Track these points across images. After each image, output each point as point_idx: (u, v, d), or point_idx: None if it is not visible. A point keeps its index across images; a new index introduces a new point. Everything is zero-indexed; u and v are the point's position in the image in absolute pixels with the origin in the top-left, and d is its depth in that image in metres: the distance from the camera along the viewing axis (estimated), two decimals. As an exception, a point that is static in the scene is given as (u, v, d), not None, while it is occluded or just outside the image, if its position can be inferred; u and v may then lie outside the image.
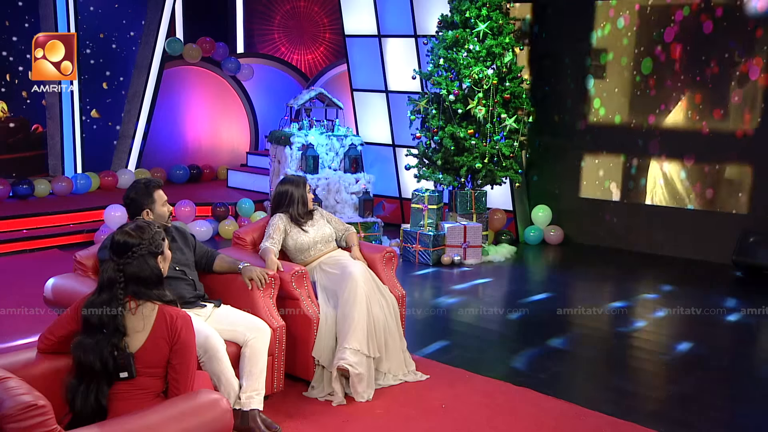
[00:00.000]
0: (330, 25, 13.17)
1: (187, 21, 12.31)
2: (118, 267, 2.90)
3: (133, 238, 2.92)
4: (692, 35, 8.14)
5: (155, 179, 4.14)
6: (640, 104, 8.58)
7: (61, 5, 9.88)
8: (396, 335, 4.66)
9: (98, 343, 2.83)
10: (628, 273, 7.74)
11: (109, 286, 2.89)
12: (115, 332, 2.84)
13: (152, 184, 4.03)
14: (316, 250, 4.79)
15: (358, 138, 8.97)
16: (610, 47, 8.74)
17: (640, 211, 8.66)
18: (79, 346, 2.85)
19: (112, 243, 2.95)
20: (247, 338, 3.94)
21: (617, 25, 8.66)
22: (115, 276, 2.89)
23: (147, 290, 2.91)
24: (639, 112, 8.58)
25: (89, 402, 2.83)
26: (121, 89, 10.89)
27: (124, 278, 2.89)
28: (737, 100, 7.93)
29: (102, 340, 2.84)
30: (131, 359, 2.85)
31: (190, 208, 8.68)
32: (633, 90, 8.62)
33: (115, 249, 2.92)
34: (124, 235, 2.93)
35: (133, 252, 2.90)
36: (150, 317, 2.90)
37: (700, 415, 4.42)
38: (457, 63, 7.97)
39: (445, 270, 7.78)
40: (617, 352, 5.39)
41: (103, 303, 2.87)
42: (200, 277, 4.23)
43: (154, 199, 3.99)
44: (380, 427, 4.08)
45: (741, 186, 8.03)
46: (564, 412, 4.32)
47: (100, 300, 2.88)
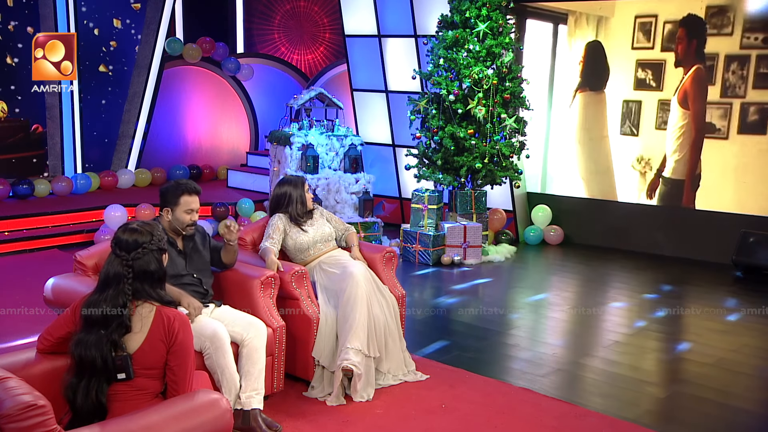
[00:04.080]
0: (330, 25, 13.17)
1: (187, 21, 12.32)
2: (126, 262, 2.91)
3: (143, 234, 2.96)
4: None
5: (193, 185, 4.08)
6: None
7: (61, 5, 9.88)
8: (396, 335, 4.66)
9: (100, 339, 2.83)
10: (628, 273, 7.74)
11: (116, 282, 2.90)
12: (120, 327, 2.85)
13: (186, 188, 4.03)
14: (315, 250, 4.79)
15: (358, 138, 8.97)
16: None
17: (641, 211, 8.66)
18: (79, 344, 2.85)
19: (119, 240, 2.97)
20: (243, 337, 3.94)
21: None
22: (122, 271, 2.90)
23: (150, 288, 2.93)
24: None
25: (90, 399, 2.83)
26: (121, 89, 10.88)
27: (132, 273, 2.90)
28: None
29: (104, 336, 2.84)
30: (129, 360, 2.85)
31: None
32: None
33: (124, 245, 2.94)
34: (133, 233, 2.96)
35: (144, 247, 2.93)
36: (148, 318, 2.91)
37: (701, 415, 4.42)
38: (457, 63, 7.97)
39: (445, 270, 7.78)
40: (617, 352, 5.39)
41: (108, 299, 2.88)
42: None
43: (179, 202, 4.01)
44: (380, 427, 4.08)
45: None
46: (564, 412, 4.32)
47: (104, 297, 2.89)
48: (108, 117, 10.75)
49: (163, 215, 4.05)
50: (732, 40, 8.04)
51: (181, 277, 3.97)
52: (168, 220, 4.03)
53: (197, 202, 4.09)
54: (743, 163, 8.06)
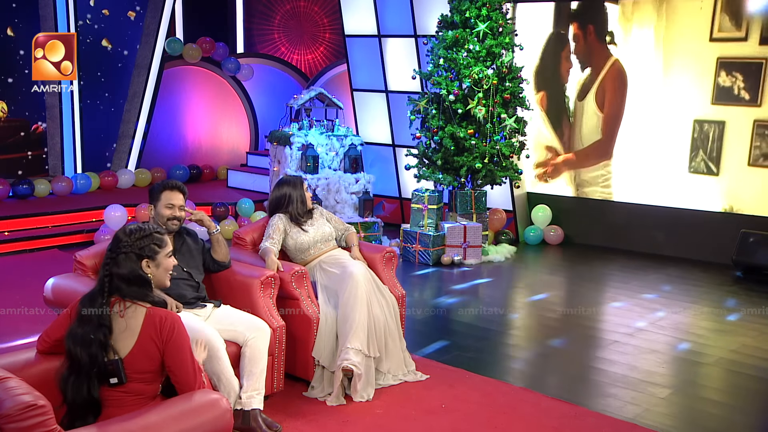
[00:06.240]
0: (330, 25, 13.17)
1: (187, 21, 12.31)
2: (106, 261, 2.96)
3: (124, 236, 2.99)
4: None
5: (175, 182, 4.19)
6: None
7: (61, 5, 9.88)
8: (396, 335, 4.65)
9: (87, 336, 2.82)
10: (628, 273, 7.74)
11: (100, 280, 2.94)
12: (100, 327, 2.83)
13: (167, 185, 4.14)
14: (316, 249, 4.79)
15: (358, 138, 8.97)
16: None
17: (641, 211, 8.65)
18: (70, 336, 2.86)
19: (113, 238, 3.05)
20: (247, 338, 3.94)
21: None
22: (103, 270, 2.95)
23: (128, 288, 2.91)
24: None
25: (81, 393, 2.81)
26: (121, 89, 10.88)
27: (109, 273, 2.93)
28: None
29: (88, 333, 2.83)
30: (120, 365, 2.82)
31: (189, 208, 8.67)
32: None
33: (110, 244, 3.01)
34: (120, 232, 3.02)
35: (119, 248, 2.95)
36: (138, 321, 2.87)
37: (701, 415, 4.42)
38: (457, 63, 7.97)
39: (445, 270, 7.78)
40: (617, 352, 5.39)
41: (94, 296, 2.91)
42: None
43: (160, 198, 4.10)
44: (380, 427, 4.08)
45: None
46: (564, 412, 4.32)
47: (92, 293, 2.93)
48: (108, 117, 10.76)
49: (148, 212, 4.17)
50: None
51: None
52: (151, 216, 4.12)
53: (180, 199, 4.14)
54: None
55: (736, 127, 6.45)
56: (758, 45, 6.31)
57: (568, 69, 8.82)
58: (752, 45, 6.40)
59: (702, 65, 6.90)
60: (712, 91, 6.31)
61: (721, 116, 6.34)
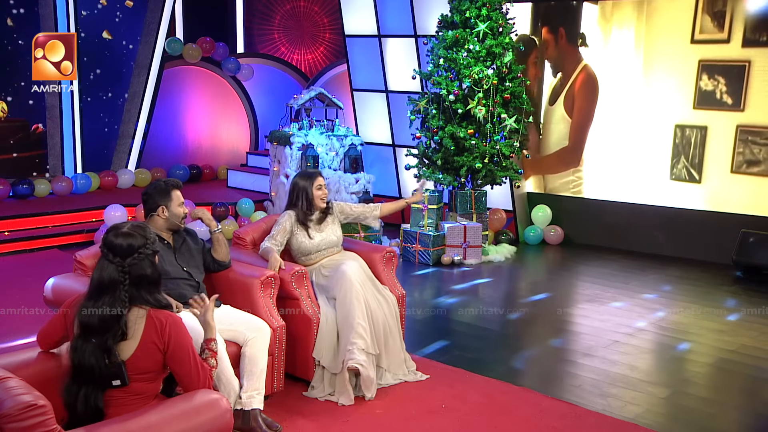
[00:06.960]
0: (330, 25, 13.17)
1: (187, 21, 12.31)
2: (122, 268, 2.82)
3: (137, 238, 2.86)
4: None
5: (176, 180, 4.26)
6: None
7: (61, 5, 9.88)
8: (396, 335, 4.65)
9: (98, 347, 2.77)
10: (628, 273, 7.74)
11: (112, 288, 2.80)
12: (117, 335, 2.78)
13: (171, 183, 4.17)
14: (318, 255, 4.78)
15: (358, 138, 8.98)
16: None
17: (641, 211, 8.66)
18: (77, 350, 2.80)
19: (111, 244, 2.86)
20: (247, 338, 3.94)
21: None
22: (118, 277, 2.81)
23: (147, 293, 2.85)
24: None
25: (89, 407, 2.78)
26: (121, 89, 10.88)
27: (129, 279, 2.83)
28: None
29: (101, 343, 2.77)
30: (123, 367, 2.79)
31: (189, 208, 8.67)
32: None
33: (118, 250, 2.84)
34: (127, 237, 2.86)
35: (140, 252, 2.85)
36: (139, 324, 2.83)
37: (701, 414, 4.42)
38: (457, 63, 7.97)
39: (445, 270, 7.78)
40: (617, 352, 5.39)
41: (105, 306, 2.79)
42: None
43: (171, 197, 4.10)
44: (380, 427, 4.08)
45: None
46: (564, 412, 4.32)
47: (99, 304, 2.80)
48: (108, 117, 10.76)
49: (159, 215, 4.08)
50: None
51: (170, 273, 3.97)
52: (165, 218, 4.08)
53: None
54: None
55: (719, 132, 6.29)
56: (741, 47, 6.15)
57: (536, 75, 8.76)
58: (735, 47, 6.24)
59: (683, 68, 6.70)
60: (693, 95, 6.15)
61: (703, 121, 6.17)
